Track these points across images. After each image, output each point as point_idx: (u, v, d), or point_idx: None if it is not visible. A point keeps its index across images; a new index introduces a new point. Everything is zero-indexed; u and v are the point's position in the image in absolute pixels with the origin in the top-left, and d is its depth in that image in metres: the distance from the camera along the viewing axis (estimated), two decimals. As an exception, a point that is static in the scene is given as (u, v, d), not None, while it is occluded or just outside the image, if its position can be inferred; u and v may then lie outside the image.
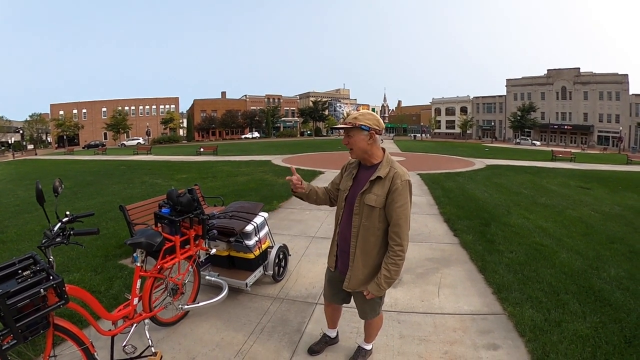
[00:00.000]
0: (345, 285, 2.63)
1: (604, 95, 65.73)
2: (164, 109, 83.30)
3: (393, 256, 2.42)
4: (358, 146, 2.46)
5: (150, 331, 3.20)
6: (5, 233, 7.06)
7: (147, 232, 3.19)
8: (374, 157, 2.52)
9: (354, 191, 2.58)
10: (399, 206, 2.38)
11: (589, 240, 6.39)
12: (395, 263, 2.42)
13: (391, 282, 2.47)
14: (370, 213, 2.45)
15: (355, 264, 2.56)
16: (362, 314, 2.79)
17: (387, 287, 2.48)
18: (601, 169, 22.59)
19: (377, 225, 2.46)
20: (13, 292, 2.05)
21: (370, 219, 2.46)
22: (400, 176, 2.41)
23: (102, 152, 41.29)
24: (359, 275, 2.55)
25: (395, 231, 2.41)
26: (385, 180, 2.42)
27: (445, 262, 5.31)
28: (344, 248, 2.65)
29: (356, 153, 2.51)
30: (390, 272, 2.42)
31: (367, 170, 2.55)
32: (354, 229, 2.54)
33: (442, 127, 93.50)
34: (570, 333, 3.36)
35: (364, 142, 2.45)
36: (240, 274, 4.22)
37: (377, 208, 2.42)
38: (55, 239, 2.49)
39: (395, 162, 2.52)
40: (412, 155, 28.70)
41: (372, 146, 2.48)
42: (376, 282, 2.46)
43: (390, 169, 2.45)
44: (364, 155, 2.51)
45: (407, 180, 2.42)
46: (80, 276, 4.65)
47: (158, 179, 15.12)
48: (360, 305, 2.75)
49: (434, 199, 9.97)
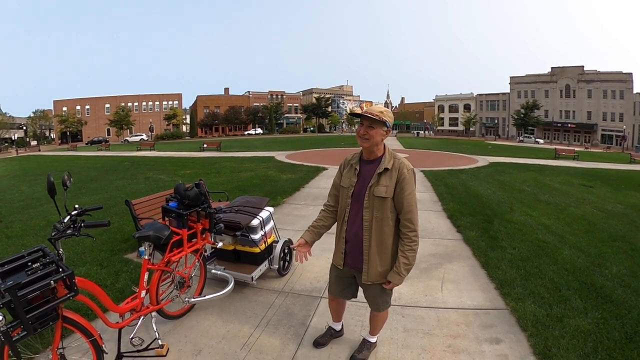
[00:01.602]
0: (364, 279, 2.67)
1: (608, 94, 65.43)
2: (167, 105, 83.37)
3: (409, 242, 2.51)
4: (375, 139, 2.51)
5: (157, 324, 3.25)
6: (11, 228, 7.11)
7: (155, 225, 3.22)
8: (379, 150, 2.61)
9: (360, 186, 2.63)
10: (409, 194, 2.48)
11: (591, 238, 6.41)
12: (412, 249, 2.51)
13: (410, 269, 2.55)
14: (381, 205, 2.52)
15: (371, 256, 2.60)
16: (375, 305, 2.83)
17: (406, 275, 2.55)
18: (604, 167, 22.53)
19: (389, 216, 2.54)
20: (24, 283, 2.07)
21: (382, 210, 2.53)
22: (405, 166, 2.53)
23: (106, 148, 41.40)
24: (377, 267, 2.61)
25: (407, 218, 2.50)
26: (392, 171, 2.51)
27: (448, 257, 5.35)
28: (354, 244, 2.68)
29: (370, 145, 2.54)
30: (409, 259, 2.51)
31: (370, 164, 2.62)
32: (366, 222, 2.59)
33: (445, 125, 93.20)
34: (572, 328, 3.39)
35: (381, 136, 2.53)
36: (245, 268, 4.26)
37: (387, 199, 2.50)
38: (66, 231, 2.52)
39: (397, 154, 2.62)
40: (415, 152, 28.65)
41: (382, 141, 2.58)
42: (396, 270, 2.54)
43: (395, 160, 2.56)
44: (374, 147, 2.57)
45: (412, 169, 2.56)
46: (86, 270, 4.69)
47: (162, 174, 15.18)
48: (374, 298, 2.79)
49: (437, 195, 9.99)
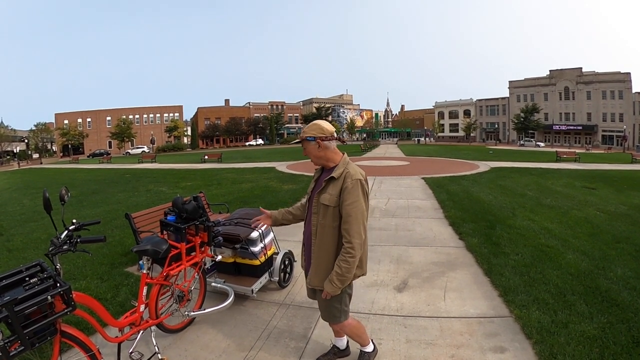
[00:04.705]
0: (307, 282, 2.78)
1: (607, 95, 65.56)
2: (168, 117, 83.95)
3: (344, 253, 2.49)
4: (312, 154, 2.66)
5: (157, 338, 3.22)
6: (12, 241, 7.11)
7: (153, 239, 3.21)
8: (330, 161, 2.66)
9: (313, 192, 2.74)
10: (349, 204, 2.47)
11: (595, 241, 6.36)
12: (345, 260, 2.47)
13: (343, 280, 2.51)
14: (325, 212, 2.57)
15: (314, 261, 2.68)
16: (324, 314, 2.82)
17: (340, 285, 2.51)
18: (606, 168, 22.47)
19: (331, 224, 2.57)
20: (20, 299, 2.07)
21: (326, 217, 2.57)
22: (351, 176, 2.52)
23: (107, 161, 41.49)
24: (318, 272, 2.65)
25: (345, 228, 2.49)
26: (338, 180, 2.54)
27: (450, 265, 5.30)
28: (307, 246, 2.79)
29: (313, 160, 2.70)
30: (341, 269, 2.48)
31: (327, 172, 2.68)
32: (313, 227, 2.67)
33: (445, 131, 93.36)
34: (578, 334, 3.34)
35: (315, 150, 2.63)
36: (246, 281, 4.23)
37: (331, 207, 2.54)
38: (63, 247, 2.52)
39: (352, 164, 2.65)
40: (416, 160, 28.69)
41: (326, 152, 2.64)
42: (329, 279, 2.53)
43: (344, 170, 2.57)
44: (319, 161, 2.69)
45: (357, 179, 2.52)
46: (86, 284, 4.67)
47: (163, 186, 15.19)
48: (321, 306, 2.81)
49: (439, 202, 9.95)
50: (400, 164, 24.93)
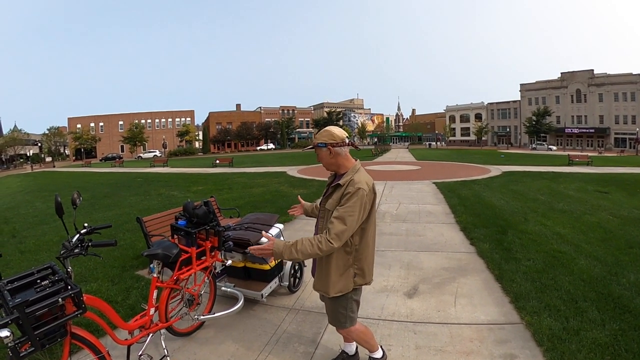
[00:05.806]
0: (313, 285, 2.79)
1: (619, 97, 64.77)
2: (180, 121, 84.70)
3: (315, 240, 2.41)
4: (324, 161, 2.68)
5: (166, 341, 3.25)
6: (24, 243, 7.22)
7: (164, 243, 3.24)
8: (341, 167, 2.66)
9: (323, 197, 2.78)
10: (342, 206, 2.44)
11: (608, 246, 6.26)
12: (311, 244, 2.40)
13: (293, 256, 2.43)
14: (329, 217, 2.54)
15: (319, 266, 2.71)
16: (331, 319, 2.84)
17: (285, 254, 2.43)
18: (619, 172, 22.07)
19: None
20: (32, 301, 2.11)
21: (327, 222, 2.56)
22: (354, 184, 2.48)
23: (119, 165, 42.02)
24: (322, 277, 2.66)
25: (328, 227, 2.43)
26: (343, 187, 2.52)
27: (461, 271, 5.26)
28: None
29: (325, 166, 2.73)
30: (299, 245, 2.40)
31: (337, 178, 2.69)
32: (320, 231, 2.67)
33: (457, 135, 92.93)
34: (589, 341, 3.29)
35: (327, 156, 2.64)
36: (255, 285, 4.24)
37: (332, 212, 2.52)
38: (74, 250, 2.55)
39: (361, 172, 2.61)
40: (427, 164, 28.54)
41: (337, 158, 2.62)
42: (284, 243, 2.46)
43: (349, 177, 2.53)
44: (331, 167, 2.71)
45: (359, 188, 2.45)
46: (97, 286, 4.73)
47: (174, 190, 15.31)
48: (327, 310, 2.85)
49: (450, 207, 9.88)
50: (411, 168, 24.84)
